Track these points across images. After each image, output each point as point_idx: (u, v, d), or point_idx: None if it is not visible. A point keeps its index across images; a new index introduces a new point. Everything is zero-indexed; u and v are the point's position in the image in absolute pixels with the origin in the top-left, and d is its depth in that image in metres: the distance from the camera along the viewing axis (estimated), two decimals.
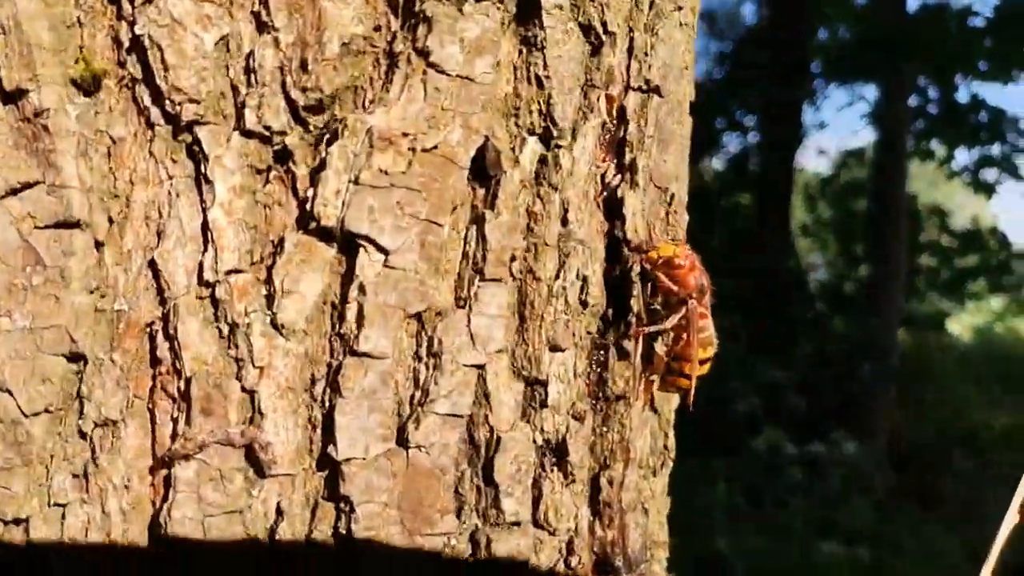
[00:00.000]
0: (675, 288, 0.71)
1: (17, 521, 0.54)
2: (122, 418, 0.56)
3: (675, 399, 0.83)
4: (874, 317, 8.64)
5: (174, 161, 0.56)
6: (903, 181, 9.16)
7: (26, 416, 0.54)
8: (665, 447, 0.82)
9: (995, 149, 8.94)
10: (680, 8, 0.74)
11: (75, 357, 0.55)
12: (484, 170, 0.61)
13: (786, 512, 6.09)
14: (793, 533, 5.84)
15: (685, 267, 0.70)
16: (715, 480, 6.17)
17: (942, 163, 9.77)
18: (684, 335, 0.74)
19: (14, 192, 0.54)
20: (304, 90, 0.56)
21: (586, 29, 0.65)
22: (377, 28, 0.58)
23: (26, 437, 0.54)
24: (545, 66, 0.62)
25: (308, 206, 0.56)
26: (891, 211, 8.86)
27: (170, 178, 0.56)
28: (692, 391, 0.78)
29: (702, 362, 0.78)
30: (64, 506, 0.55)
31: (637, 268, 0.69)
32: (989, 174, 9.14)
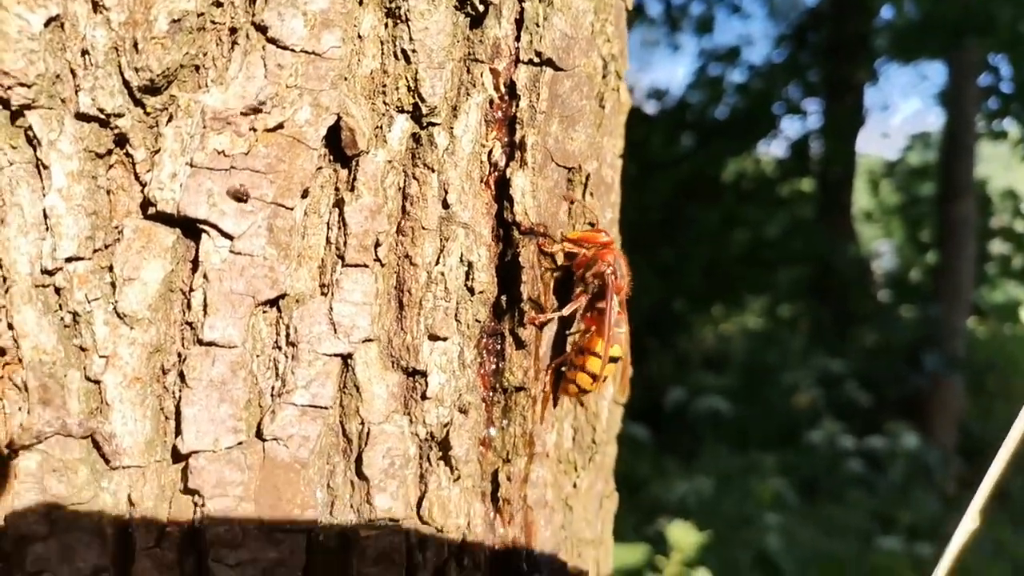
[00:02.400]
0: (587, 252, 0.66)
1: None
2: None
3: (606, 394, 0.79)
4: (942, 305, 8.35)
5: (13, 147, 0.55)
6: (973, 164, 8.83)
7: None
8: (593, 441, 0.78)
9: None
10: None
11: None
12: (342, 151, 0.58)
13: (844, 507, 5.92)
14: (851, 529, 5.67)
15: (608, 244, 0.66)
16: (769, 474, 6.03)
17: (1016, 144, 9.38)
18: (593, 326, 0.70)
19: None
20: (137, 70, 0.54)
21: (461, 0, 0.61)
22: (218, 4, 0.55)
23: None
24: (411, 39, 0.59)
25: (148, 191, 0.54)
26: (960, 195, 8.56)
27: (10, 164, 0.55)
28: (605, 359, 0.71)
29: (616, 359, 0.72)
30: None
31: (527, 252, 0.65)
32: None
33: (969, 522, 0.72)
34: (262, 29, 0.54)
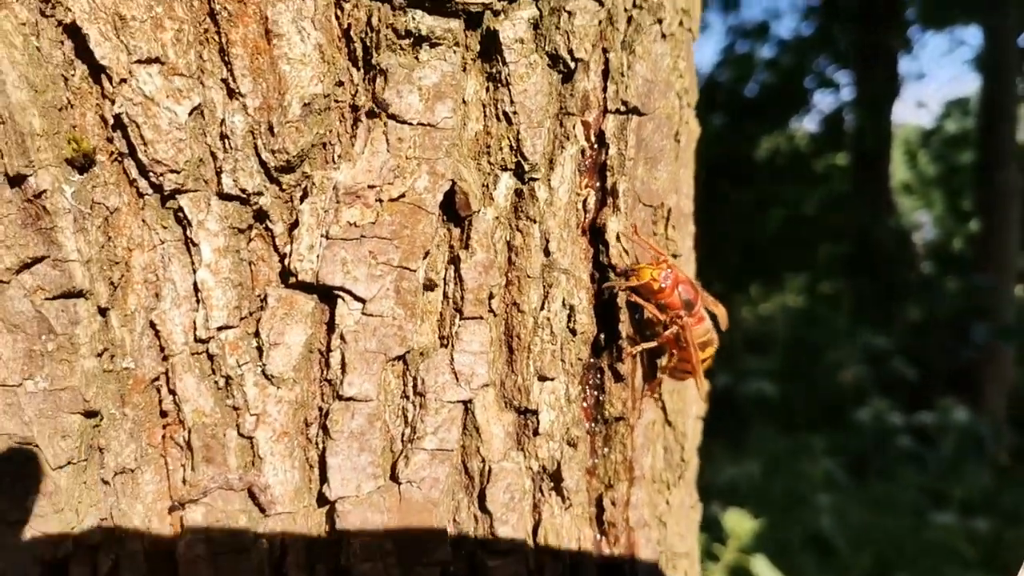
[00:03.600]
0: (660, 314, 0.71)
1: (55, 564, 0.60)
2: (138, 466, 0.61)
3: (691, 413, 0.83)
4: (987, 274, 8.22)
5: (164, 227, 0.60)
6: (1013, 128, 8.65)
7: (53, 469, 0.60)
8: (682, 459, 0.82)
9: None
10: (661, 20, 0.73)
11: (90, 414, 0.60)
12: (456, 212, 0.63)
13: (894, 484, 5.88)
14: (902, 506, 5.63)
15: (667, 288, 0.70)
16: (818, 455, 6.01)
17: None
18: (681, 350, 0.74)
19: (25, 267, 0.59)
20: (273, 152, 0.59)
21: (553, 59, 0.65)
22: (340, 83, 0.60)
23: (54, 488, 0.60)
24: (511, 102, 0.64)
25: (287, 262, 0.60)
26: (1002, 161, 8.40)
27: (162, 243, 0.60)
28: (702, 390, 0.78)
29: (706, 360, 0.78)
30: (94, 548, 0.60)
31: (622, 294, 0.70)
32: None
33: None
34: (383, 106, 0.59)
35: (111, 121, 0.59)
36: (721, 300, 0.82)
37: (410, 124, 0.60)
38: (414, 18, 0.59)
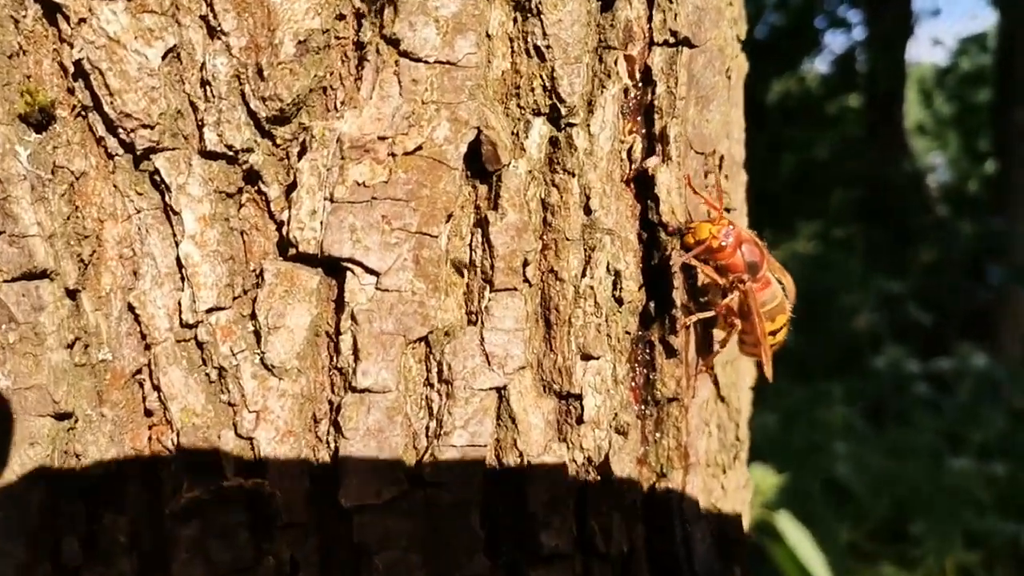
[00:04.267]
0: (720, 278, 0.61)
1: None
2: (120, 475, 0.52)
3: (744, 386, 0.74)
4: (1003, 216, 8.15)
5: (139, 193, 0.51)
6: None
7: (22, 481, 0.51)
8: (737, 438, 0.73)
9: None
10: None
11: (62, 416, 0.51)
12: (483, 167, 0.53)
13: (911, 430, 5.86)
14: (919, 452, 5.62)
15: (727, 248, 0.60)
16: (834, 402, 5.99)
17: None
18: (745, 318, 0.65)
19: None
20: (264, 100, 0.49)
21: None
22: (341, 16, 0.50)
23: (23, 503, 0.51)
24: (544, 34, 0.53)
25: (286, 230, 0.50)
26: (1018, 99, 8.26)
27: (138, 212, 0.51)
28: (769, 366, 0.69)
29: (774, 332, 0.69)
30: (75, 570, 0.52)
31: (676, 255, 0.60)
32: None
33: None
34: (393, 42, 0.49)
35: (71, 69, 0.50)
36: None
37: (426, 62, 0.50)
38: None
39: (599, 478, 0.59)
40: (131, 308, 0.52)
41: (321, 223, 0.50)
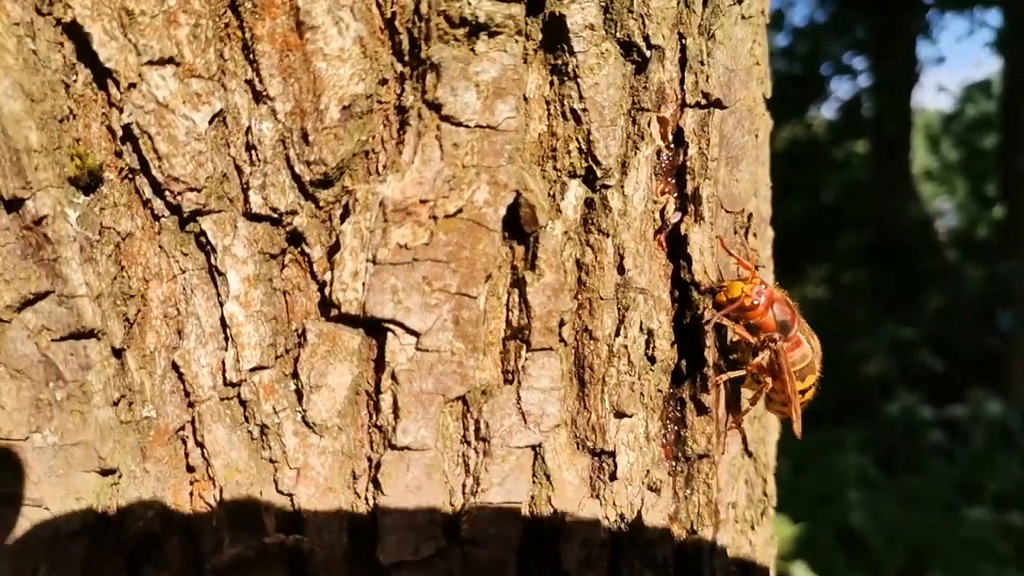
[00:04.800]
0: (751, 336, 0.62)
1: None
2: (162, 531, 0.53)
3: (771, 441, 0.74)
4: (1012, 260, 8.14)
5: (185, 254, 0.52)
6: None
7: (67, 536, 0.52)
8: (765, 493, 0.73)
9: None
10: (740, 0, 0.64)
11: (107, 471, 0.52)
12: (520, 228, 0.54)
13: (926, 479, 5.79)
14: (935, 501, 5.54)
15: (760, 307, 0.61)
16: (847, 450, 5.93)
17: None
18: (776, 377, 0.65)
19: (27, 304, 0.51)
20: (309, 164, 0.50)
21: (626, 46, 0.56)
22: (384, 82, 0.52)
23: (68, 558, 0.52)
24: (581, 97, 0.55)
25: (328, 291, 0.51)
26: None
27: (183, 272, 0.52)
28: (799, 424, 0.69)
29: (803, 391, 0.70)
30: None
31: (708, 314, 0.61)
32: None
33: None
34: (435, 107, 0.51)
35: (120, 133, 0.51)
36: None
37: (467, 127, 0.51)
38: (470, 3, 0.50)
39: (632, 535, 0.59)
40: (175, 366, 0.53)
41: (363, 284, 0.51)
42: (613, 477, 0.58)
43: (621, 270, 0.58)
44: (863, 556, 4.93)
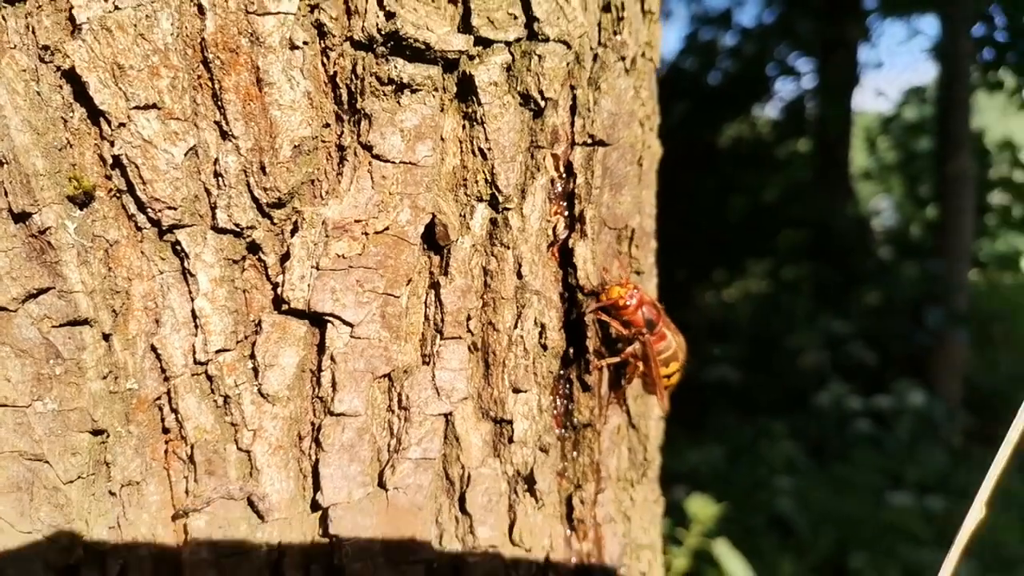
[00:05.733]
0: (625, 330, 0.77)
1: (68, 569, 0.64)
2: (143, 479, 0.66)
3: (654, 416, 0.90)
4: (943, 260, 8.38)
5: (162, 259, 0.65)
6: (969, 116, 8.79)
7: (63, 483, 0.64)
8: (645, 459, 0.88)
9: None
10: (624, 57, 0.79)
11: (97, 432, 0.64)
12: (435, 242, 0.68)
13: (853, 467, 6.03)
14: (861, 488, 5.77)
15: (631, 307, 0.76)
16: (779, 438, 6.14)
17: (1012, 94, 9.34)
18: (645, 363, 0.80)
19: (31, 297, 0.63)
20: (265, 189, 0.64)
21: (525, 98, 0.71)
22: (327, 126, 0.65)
23: (66, 500, 0.64)
24: (486, 139, 0.69)
25: (280, 290, 0.65)
26: (958, 148, 8.54)
27: (161, 273, 0.65)
28: (663, 401, 0.85)
29: (670, 375, 0.85)
30: (102, 554, 0.65)
31: (590, 311, 0.76)
32: None
33: (976, 513, 0.81)
34: (368, 148, 0.64)
35: (110, 160, 0.64)
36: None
37: (393, 163, 0.65)
38: (396, 66, 0.64)
39: (526, 487, 0.74)
40: (153, 348, 0.65)
41: (308, 285, 0.64)
42: (511, 440, 0.73)
43: (519, 276, 0.72)
44: (791, 541, 5.15)
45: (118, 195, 0.64)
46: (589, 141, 0.75)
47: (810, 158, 10.75)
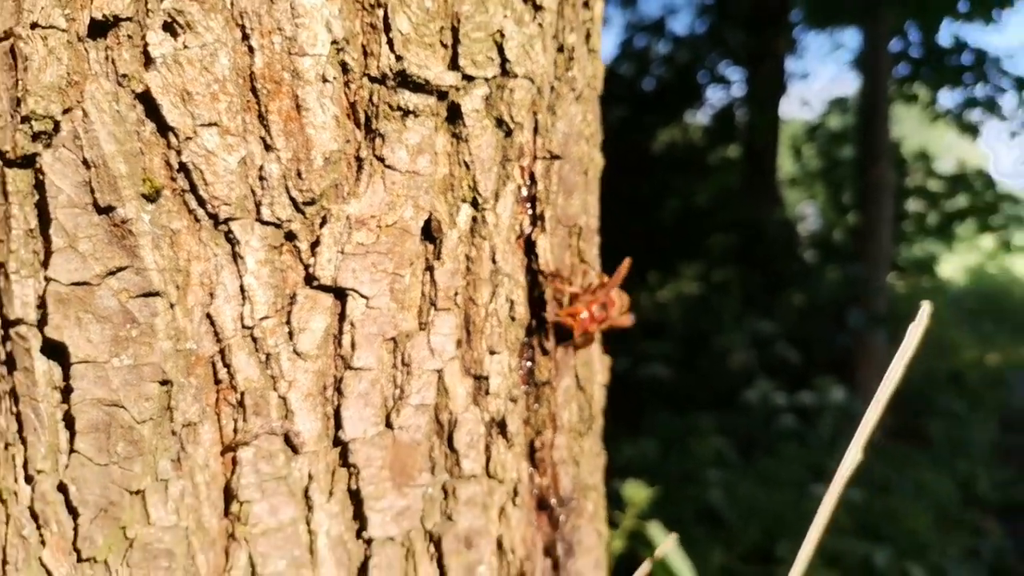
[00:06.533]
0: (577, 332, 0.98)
1: (137, 491, 0.81)
2: (200, 420, 0.83)
3: (597, 381, 1.10)
4: (863, 264, 8.77)
5: (216, 244, 0.82)
6: (888, 127, 9.19)
7: (138, 423, 0.81)
8: (590, 415, 1.09)
9: (978, 90, 8.98)
10: (575, 88, 0.99)
11: (165, 382, 0.81)
12: (431, 234, 0.87)
13: (778, 461, 6.34)
14: (786, 481, 6.07)
15: (583, 323, 0.96)
16: (709, 434, 6.43)
17: (926, 106, 9.80)
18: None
19: (112, 273, 0.80)
20: (301, 191, 0.82)
21: (499, 121, 0.90)
22: (348, 141, 0.83)
23: (139, 437, 0.81)
24: (470, 153, 0.88)
25: (311, 270, 0.83)
26: (877, 157, 8.93)
27: (215, 256, 0.82)
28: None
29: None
30: (166, 481, 0.82)
31: (549, 291, 0.96)
32: (973, 115, 9.19)
33: (853, 456, 1.01)
34: (381, 159, 0.83)
35: (176, 166, 0.81)
36: (621, 288, 1.09)
37: (400, 171, 0.84)
38: (403, 97, 0.83)
39: (499, 431, 0.93)
40: (208, 316, 0.83)
41: (335, 267, 0.83)
42: (487, 392, 0.92)
43: (494, 261, 0.92)
44: (720, 531, 5.44)
45: (181, 193, 0.82)
46: (548, 156, 0.95)
47: (739, 164, 11.10)
